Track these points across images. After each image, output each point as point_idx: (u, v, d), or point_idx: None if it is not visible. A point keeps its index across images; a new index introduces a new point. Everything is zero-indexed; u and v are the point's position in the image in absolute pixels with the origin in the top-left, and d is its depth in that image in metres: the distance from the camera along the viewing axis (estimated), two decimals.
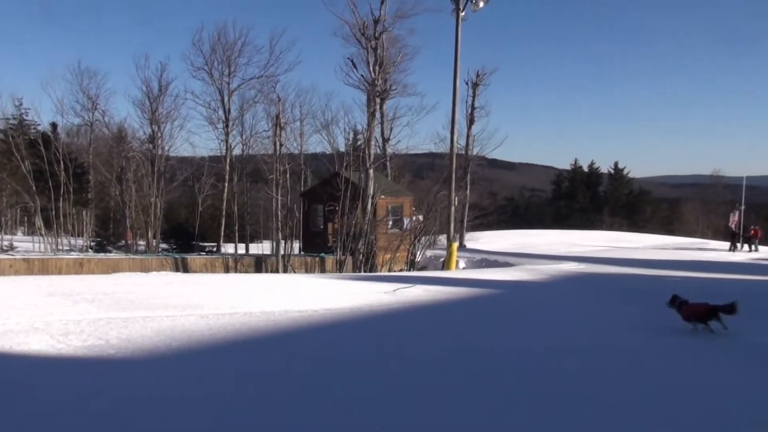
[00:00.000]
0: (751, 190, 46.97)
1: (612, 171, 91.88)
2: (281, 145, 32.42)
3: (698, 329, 8.34)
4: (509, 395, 5.22)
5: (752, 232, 37.55)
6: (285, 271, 27.37)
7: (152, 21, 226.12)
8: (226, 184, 42.70)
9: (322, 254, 29.68)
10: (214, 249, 41.63)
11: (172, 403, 4.62)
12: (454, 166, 31.49)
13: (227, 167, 42.67)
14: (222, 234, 42.53)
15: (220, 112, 43.00)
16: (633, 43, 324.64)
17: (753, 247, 36.42)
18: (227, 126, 42.90)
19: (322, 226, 34.54)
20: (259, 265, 28.57)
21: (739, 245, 37.10)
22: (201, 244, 42.32)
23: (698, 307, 8.41)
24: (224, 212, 42.54)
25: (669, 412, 4.85)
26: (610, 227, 70.35)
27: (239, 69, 43.46)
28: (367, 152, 31.06)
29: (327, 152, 43.40)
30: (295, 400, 4.85)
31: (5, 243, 39.33)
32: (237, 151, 45.19)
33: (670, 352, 7.53)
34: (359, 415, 4.54)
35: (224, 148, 43.08)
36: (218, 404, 4.63)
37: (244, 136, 44.94)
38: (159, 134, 41.54)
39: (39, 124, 49.54)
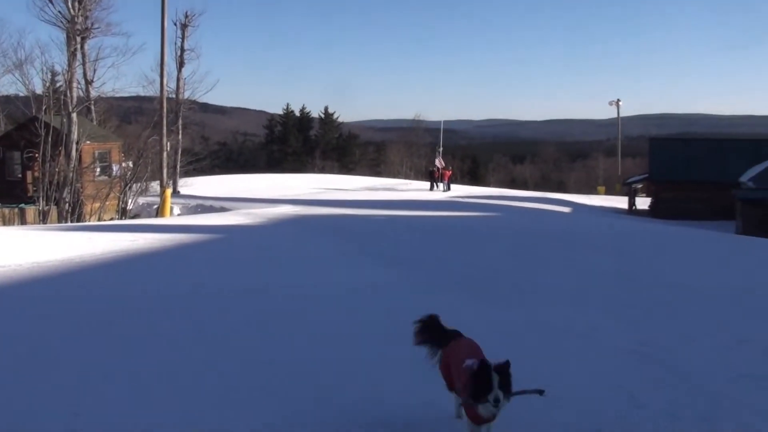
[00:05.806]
0: (447, 134, 52.83)
1: (322, 115, 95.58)
2: None
3: None
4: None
5: (446, 172, 43.04)
6: None
7: None
8: None
9: (22, 205, 27.81)
10: None
11: None
12: (164, 110, 31.06)
13: None
14: None
15: None
16: None
17: (446, 187, 41.68)
18: None
19: (20, 175, 32.03)
20: None
21: (439, 185, 42.27)
22: None
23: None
24: None
25: None
26: (322, 170, 73.93)
27: None
28: (69, 95, 29.38)
29: (22, 94, 39.64)
30: (18, 359, 4.93)
31: None
32: None
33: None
34: (84, 367, 4.79)
35: None
36: None
37: None
38: None
39: None
